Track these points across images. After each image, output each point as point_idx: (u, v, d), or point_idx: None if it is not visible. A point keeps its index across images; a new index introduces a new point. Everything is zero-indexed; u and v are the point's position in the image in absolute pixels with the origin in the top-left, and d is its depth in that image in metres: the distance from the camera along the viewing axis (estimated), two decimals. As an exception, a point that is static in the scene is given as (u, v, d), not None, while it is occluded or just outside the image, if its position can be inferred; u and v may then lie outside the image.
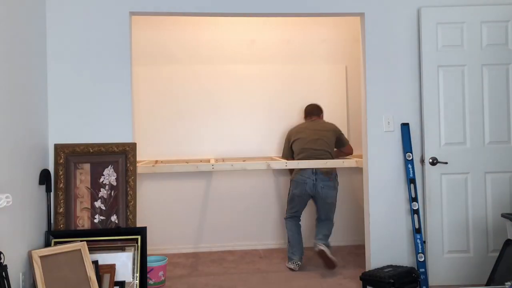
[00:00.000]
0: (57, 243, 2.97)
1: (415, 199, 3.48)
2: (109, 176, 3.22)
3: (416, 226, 3.46)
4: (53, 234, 3.06)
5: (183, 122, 4.67)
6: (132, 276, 3.00)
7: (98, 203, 3.19)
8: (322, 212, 4.18)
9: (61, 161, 3.18)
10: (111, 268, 2.96)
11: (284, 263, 4.20)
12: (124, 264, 3.00)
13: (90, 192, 3.20)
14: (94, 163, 3.22)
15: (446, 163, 3.46)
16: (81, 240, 2.95)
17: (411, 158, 3.50)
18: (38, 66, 3.12)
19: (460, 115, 3.49)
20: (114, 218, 3.19)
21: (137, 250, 3.04)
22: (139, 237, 3.07)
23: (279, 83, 4.72)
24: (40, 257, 2.72)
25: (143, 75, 4.54)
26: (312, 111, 4.45)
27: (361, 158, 3.79)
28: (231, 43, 4.75)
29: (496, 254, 3.07)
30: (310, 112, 4.46)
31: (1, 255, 2.34)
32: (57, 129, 3.24)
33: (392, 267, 3.43)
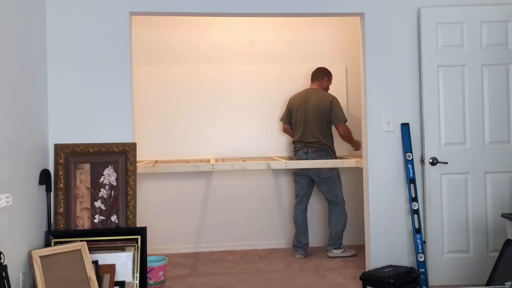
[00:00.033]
0: (57, 243, 2.97)
1: (415, 199, 3.48)
2: (109, 176, 3.22)
3: (416, 226, 3.46)
4: (53, 234, 3.06)
5: (183, 122, 4.67)
6: (132, 276, 3.00)
7: (98, 203, 3.19)
8: (325, 192, 4.39)
9: (61, 161, 3.18)
10: (111, 268, 2.96)
11: (284, 263, 4.20)
12: (124, 264, 3.00)
13: (90, 192, 3.20)
14: (94, 163, 3.22)
15: (446, 163, 3.46)
16: (81, 240, 2.95)
17: (411, 158, 3.50)
18: (38, 66, 3.12)
19: (460, 115, 3.49)
20: (114, 218, 3.19)
21: (137, 250, 3.04)
22: (139, 237, 3.07)
23: (279, 83, 4.71)
24: (40, 257, 2.72)
25: (143, 75, 4.54)
26: (315, 75, 4.47)
27: (361, 158, 3.79)
28: (231, 43, 4.75)
29: (496, 254, 3.06)
30: (313, 76, 4.48)
31: (1, 255, 2.34)
32: (57, 129, 3.24)
33: (392, 267, 3.43)
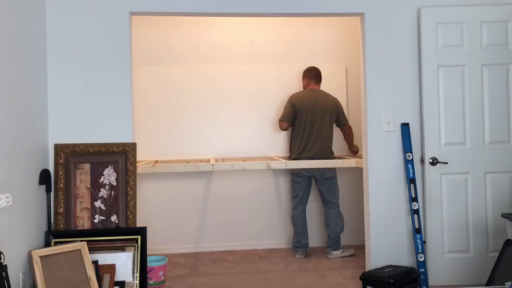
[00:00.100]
0: (57, 243, 2.97)
1: (415, 199, 3.48)
2: (109, 176, 3.22)
3: (416, 226, 3.46)
4: (53, 234, 3.06)
5: (183, 122, 4.67)
6: (132, 276, 3.00)
7: (98, 203, 3.19)
8: (325, 192, 4.37)
9: (61, 161, 3.18)
10: (111, 268, 2.96)
11: (284, 263, 4.21)
12: (124, 264, 3.00)
13: (90, 192, 3.20)
14: (94, 163, 3.22)
15: (446, 163, 3.46)
16: (81, 240, 2.95)
17: (411, 158, 3.50)
18: (38, 66, 3.12)
19: (460, 115, 3.49)
20: (114, 218, 3.19)
21: (137, 250, 3.04)
22: (139, 237, 3.07)
23: (279, 83, 4.71)
24: (40, 257, 2.72)
25: (143, 75, 4.54)
26: (318, 76, 4.48)
27: (361, 158, 3.79)
28: (231, 43, 4.75)
29: (496, 254, 3.07)
30: (316, 77, 4.47)
31: (1, 255, 2.34)
32: (57, 129, 3.24)
33: (392, 267, 3.43)
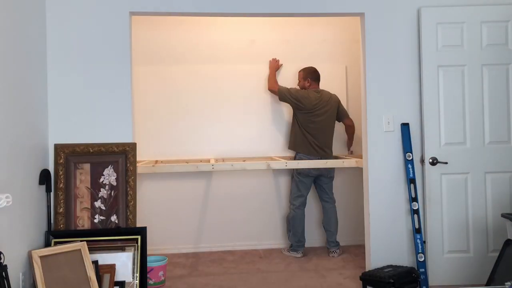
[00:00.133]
0: (57, 243, 2.97)
1: (415, 199, 3.47)
2: (109, 176, 3.22)
3: (416, 226, 3.46)
4: (53, 234, 3.06)
5: (183, 122, 4.67)
6: (132, 276, 3.00)
7: (98, 203, 3.19)
8: (328, 190, 4.48)
9: (61, 161, 3.18)
10: (111, 268, 2.96)
11: (284, 263, 4.21)
12: (124, 264, 3.00)
13: (90, 192, 3.20)
14: (94, 163, 3.22)
15: (446, 163, 3.46)
16: (81, 240, 2.95)
17: (411, 158, 3.50)
18: (38, 66, 3.12)
19: (460, 115, 3.49)
20: (114, 218, 3.19)
21: (137, 250, 3.04)
22: (139, 237, 3.07)
23: (279, 83, 4.71)
24: (40, 257, 2.72)
25: (143, 75, 4.54)
26: (319, 77, 4.54)
27: (361, 158, 3.79)
28: (231, 43, 4.74)
29: (496, 254, 3.07)
30: (318, 78, 4.53)
31: (1, 255, 2.34)
32: (57, 129, 3.24)
33: (392, 267, 3.43)
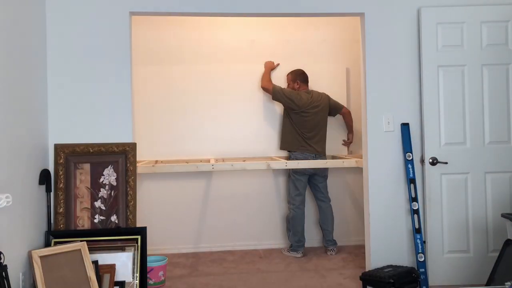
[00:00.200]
0: (57, 243, 2.97)
1: (415, 199, 3.48)
2: (109, 176, 3.22)
3: (416, 226, 3.46)
4: (53, 234, 3.06)
5: (183, 122, 4.66)
6: (132, 276, 3.00)
7: (98, 203, 3.19)
8: (323, 189, 4.49)
9: (61, 161, 3.18)
10: (111, 268, 2.96)
11: (284, 263, 4.21)
12: (124, 264, 3.00)
13: (90, 192, 3.20)
14: (94, 163, 3.22)
15: (446, 163, 3.46)
16: (81, 240, 2.95)
17: (411, 158, 3.50)
18: (38, 66, 3.12)
19: (460, 115, 3.49)
20: (114, 218, 3.19)
21: (137, 250, 3.04)
22: (139, 237, 3.07)
23: (279, 83, 4.71)
24: (40, 257, 2.72)
25: (143, 75, 4.54)
26: (307, 79, 4.58)
27: (361, 158, 3.79)
28: (231, 43, 4.74)
29: (496, 254, 3.07)
30: (306, 80, 4.57)
31: (1, 255, 2.34)
32: (57, 129, 3.24)
33: (392, 267, 3.43)
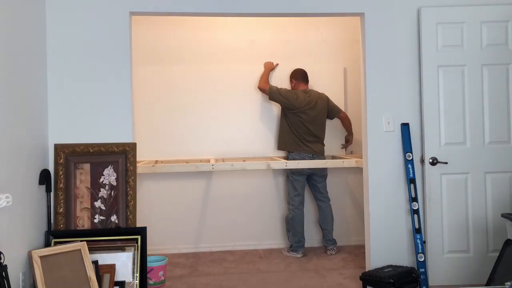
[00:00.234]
0: (57, 243, 2.97)
1: (415, 199, 3.48)
2: (109, 176, 3.22)
3: (416, 226, 3.46)
4: (53, 234, 3.06)
5: (183, 122, 4.67)
6: (132, 276, 3.00)
7: (98, 203, 3.19)
8: (322, 189, 4.49)
9: (61, 161, 3.18)
10: (111, 268, 2.96)
11: (284, 263, 4.21)
12: (124, 264, 3.00)
13: (90, 192, 3.20)
14: (94, 163, 3.22)
15: (446, 163, 3.46)
16: (81, 240, 2.95)
17: (411, 158, 3.50)
18: (38, 66, 3.12)
19: (460, 115, 3.49)
20: (114, 218, 3.19)
21: (137, 250, 3.04)
22: (139, 237, 3.07)
23: (279, 83, 4.71)
24: (40, 257, 2.72)
25: (143, 75, 4.54)
26: (305, 76, 4.57)
27: (361, 158, 3.79)
28: (231, 43, 4.74)
29: (496, 254, 3.07)
30: (306, 77, 4.56)
31: (1, 255, 2.34)
32: (57, 129, 3.24)
33: (392, 267, 3.43)
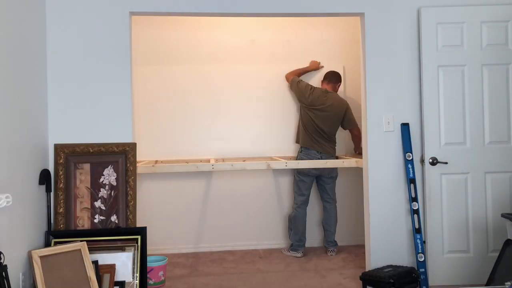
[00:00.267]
0: (57, 243, 2.97)
1: (415, 199, 3.48)
2: (109, 176, 3.22)
3: (416, 226, 3.46)
4: (53, 234, 3.06)
5: (183, 122, 4.66)
6: (132, 276, 3.00)
7: (98, 203, 3.19)
8: (329, 190, 4.49)
9: (61, 161, 3.18)
10: (111, 268, 2.96)
11: (284, 263, 4.21)
12: (124, 264, 3.00)
13: (90, 192, 3.20)
14: (94, 163, 3.22)
15: (446, 163, 3.46)
16: (81, 240, 2.95)
17: (411, 158, 3.50)
18: (38, 66, 3.12)
19: (460, 115, 3.49)
20: (114, 218, 3.19)
21: (137, 250, 3.04)
22: (139, 237, 3.07)
23: (279, 82, 4.71)
24: (40, 257, 2.72)
25: (143, 75, 4.54)
26: (330, 77, 4.53)
27: (361, 158, 3.79)
28: (231, 43, 4.74)
29: (496, 254, 3.07)
30: (328, 78, 4.53)
31: (1, 255, 2.34)
32: (57, 129, 3.24)
33: (392, 267, 3.43)
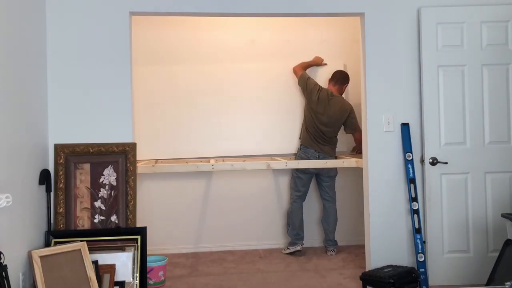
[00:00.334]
0: (57, 243, 2.97)
1: (415, 199, 3.48)
2: (109, 176, 3.22)
3: (416, 226, 3.46)
4: (53, 234, 3.06)
5: (183, 121, 4.66)
6: (132, 276, 3.00)
7: (98, 203, 3.19)
8: (328, 189, 4.48)
9: (61, 161, 3.18)
10: (111, 268, 2.96)
11: (284, 263, 4.21)
12: (124, 264, 3.00)
13: (90, 192, 3.20)
14: (94, 163, 3.22)
15: (446, 163, 3.46)
16: (81, 240, 2.95)
17: (411, 158, 3.50)
18: (38, 66, 3.12)
19: (460, 115, 3.49)
20: (114, 218, 3.19)
21: (137, 250, 3.04)
22: (139, 237, 3.07)
23: (279, 82, 4.71)
24: (40, 257, 2.72)
25: (143, 75, 4.54)
26: (338, 78, 4.51)
27: (361, 158, 3.79)
28: (231, 43, 4.74)
29: (496, 254, 3.07)
30: (335, 78, 4.50)
31: (1, 255, 2.34)
32: (57, 129, 3.24)
33: (392, 267, 3.43)
